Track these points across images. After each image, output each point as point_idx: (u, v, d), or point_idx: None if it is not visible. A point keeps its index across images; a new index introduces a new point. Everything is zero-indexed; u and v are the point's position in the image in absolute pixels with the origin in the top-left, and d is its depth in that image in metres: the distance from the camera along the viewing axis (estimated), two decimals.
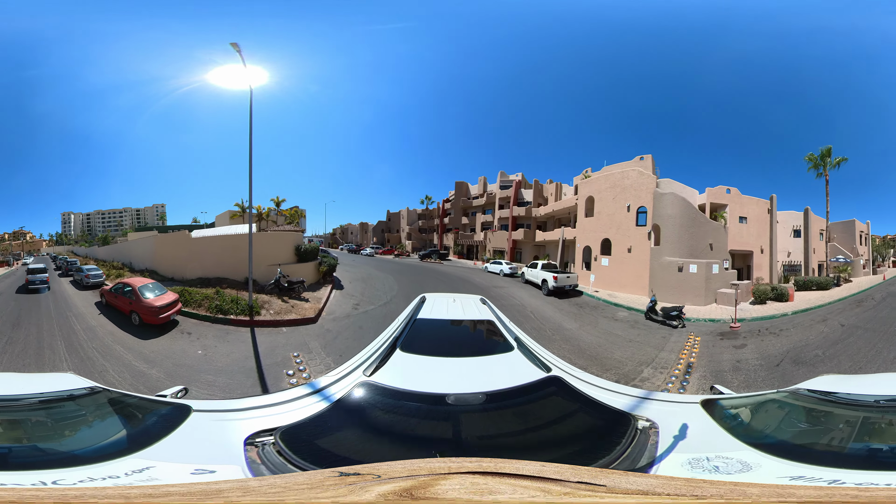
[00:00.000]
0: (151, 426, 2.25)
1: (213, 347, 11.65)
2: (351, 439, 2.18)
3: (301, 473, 1.65)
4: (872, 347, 11.73)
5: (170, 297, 14.11)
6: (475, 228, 48.41)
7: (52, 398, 2.35)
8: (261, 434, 2.03)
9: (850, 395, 2.39)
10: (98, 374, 9.08)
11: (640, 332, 14.33)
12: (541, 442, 2.24)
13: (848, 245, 37.81)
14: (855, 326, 14.41)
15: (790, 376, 9.54)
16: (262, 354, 11.07)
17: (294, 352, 11.11)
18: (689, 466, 1.79)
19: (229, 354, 11.13)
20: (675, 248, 20.19)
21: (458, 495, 1.14)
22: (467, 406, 2.33)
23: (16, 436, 2.07)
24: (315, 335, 12.96)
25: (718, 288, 19.42)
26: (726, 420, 2.33)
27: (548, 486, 1.23)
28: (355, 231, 76.71)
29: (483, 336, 4.13)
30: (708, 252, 20.93)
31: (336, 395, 2.49)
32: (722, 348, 12.54)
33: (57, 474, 1.58)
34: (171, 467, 1.74)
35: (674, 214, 20.54)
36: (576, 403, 2.50)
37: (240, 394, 8.73)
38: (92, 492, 1.25)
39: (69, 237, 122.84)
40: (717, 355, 11.72)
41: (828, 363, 10.63)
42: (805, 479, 1.61)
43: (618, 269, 23.59)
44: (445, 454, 1.85)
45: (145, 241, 30.78)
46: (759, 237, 27.22)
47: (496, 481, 1.25)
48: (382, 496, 1.13)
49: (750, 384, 9.37)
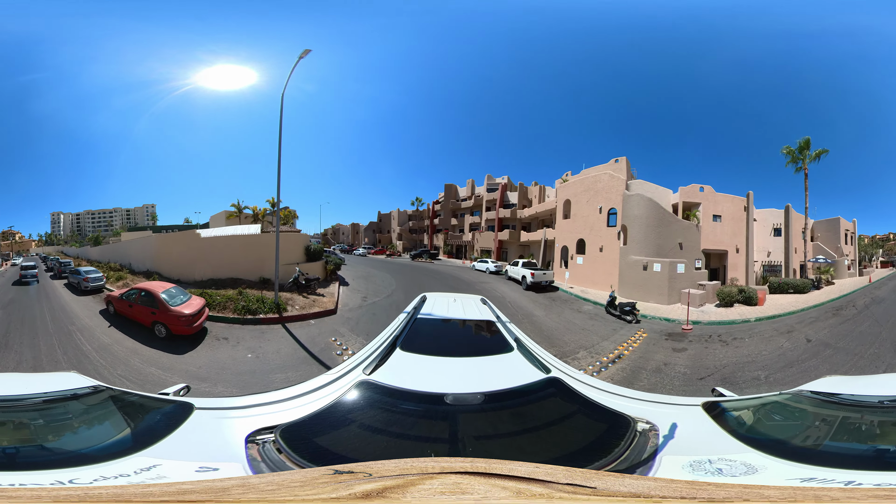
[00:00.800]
0: (155, 424, 2.27)
1: (259, 348, 11.42)
2: (349, 438, 2.21)
3: (297, 471, 1.66)
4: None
5: (197, 302, 12.97)
6: (464, 229, 49.73)
7: (56, 398, 2.37)
8: (261, 432, 2.07)
9: (854, 396, 2.39)
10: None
11: (596, 324, 15.56)
12: (538, 443, 2.24)
13: (832, 244, 36.61)
14: (824, 343, 12.36)
15: (705, 395, 8.68)
16: (307, 344, 11.67)
17: (331, 337, 12.51)
18: (691, 469, 1.77)
19: (279, 351, 11.26)
20: (641, 248, 21.10)
21: (433, 496, 1.15)
22: (465, 406, 2.36)
23: (21, 436, 2.09)
24: (340, 323, 14.49)
25: (685, 287, 19.60)
26: (728, 422, 2.32)
27: (528, 486, 1.22)
28: (346, 231, 77.69)
29: (483, 336, 4.16)
30: (677, 251, 21.61)
31: (335, 393, 2.53)
32: (661, 348, 12.40)
33: (71, 474, 1.60)
34: (177, 465, 1.76)
35: (640, 215, 21.49)
36: (575, 405, 2.53)
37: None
38: (116, 490, 1.28)
39: (59, 237, 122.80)
40: (651, 354, 11.77)
41: (765, 390, 6.61)
42: (817, 480, 1.59)
43: (591, 267, 24.77)
44: (441, 454, 1.87)
45: (145, 240, 30.28)
46: (734, 236, 26.43)
47: (476, 481, 1.25)
48: (358, 495, 1.13)
49: (654, 389, 8.65)
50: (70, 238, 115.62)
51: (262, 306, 14.48)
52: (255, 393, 2.61)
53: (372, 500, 1.12)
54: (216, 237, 23.05)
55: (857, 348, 11.75)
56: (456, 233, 51.24)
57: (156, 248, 24.57)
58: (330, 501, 1.13)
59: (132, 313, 12.86)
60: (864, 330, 14.00)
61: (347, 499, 1.12)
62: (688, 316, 15.57)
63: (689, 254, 22.31)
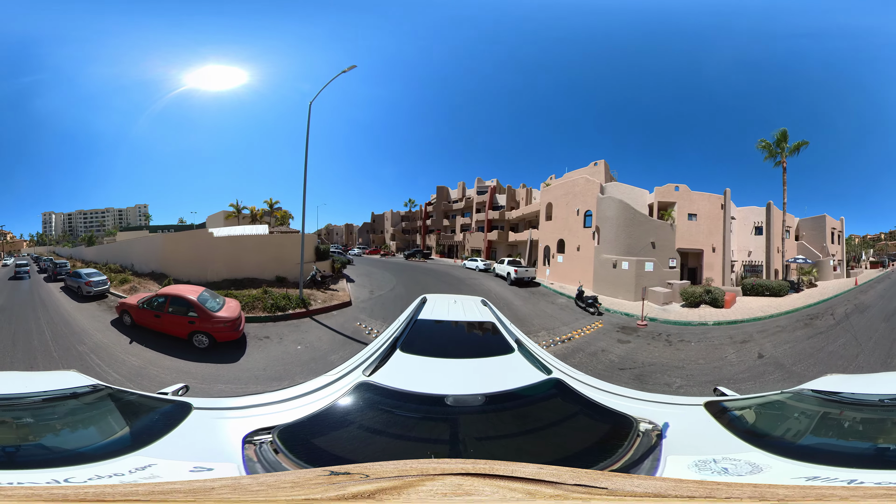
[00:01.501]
0: (153, 424, 2.30)
1: (303, 340, 12.06)
2: (347, 439, 2.22)
3: (291, 472, 1.67)
4: None
5: (235, 304, 12.56)
6: (455, 230, 51.82)
7: (56, 396, 2.40)
8: (259, 432, 2.09)
9: (855, 394, 2.43)
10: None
11: (563, 313, 17.43)
12: (541, 444, 2.25)
13: (818, 244, 35.28)
14: (776, 363, 10.57)
15: (494, 338, 6.75)
16: (339, 330, 13.05)
17: (356, 323, 14.28)
18: (697, 468, 1.79)
19: (320, 339, 12.19)
20: (611, 247, 22.72)
21: (434, 497, 1.16)
22: (466, 407, 2.38)
23: (21, 434, 2.11)
24: (359, 312, 16.41)
25: (653, 285, 20.15)
26: (731, 421, 2.35)
27: (538, 488, 1.22)
28: (340, 232, 79.37)
29: (483, 337, 4.20)
30: (649, 250, 22.93)
31: (335, 394, 2.56)
32: (608, 338, 13.14)
33: (67, 472, 1.62)
34: (172, 465, 1.79)
35: (611, 216, 23.14)
36: (577, 406, 2.55)
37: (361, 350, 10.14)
38: (106, 489, 1.29)
39: (50, 237, 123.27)
40: (597, 341, 12.74)
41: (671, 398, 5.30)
42: (820, 479, 1.61)
43: (570, 264, 26.60)
44: (441, 455, 1.89)
45: (148, 240, 29.86)
46: (710, 235, 26.30)
47: (482, 483, 1.25)
48: (357, 495, 1.14)
49: (579, 367, 7.74)
50: (62, 238, 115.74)
51: (290, 303, 15.36)
52: (253, 394, 2.65)
53: (361, 500, 1.12)
54: (230, 237, 22.88)
55: (816, 375, 8.70)
56: (448, 233, 53.26)
57: (162, 248, 23.80)
58: (320, 502, 1.13)
59: (160, 324, 11.49)
60: (836, 349, 11.61)
61: (337, 499, 1.13)
62: (643, 312, 16.12)
63: (662, 253, 23.19)
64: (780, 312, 17.49)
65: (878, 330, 13.86)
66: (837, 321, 15.55)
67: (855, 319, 15.74)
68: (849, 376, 3.50)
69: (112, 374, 8.91)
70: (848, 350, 11.53)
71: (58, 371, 3.49)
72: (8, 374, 3.78)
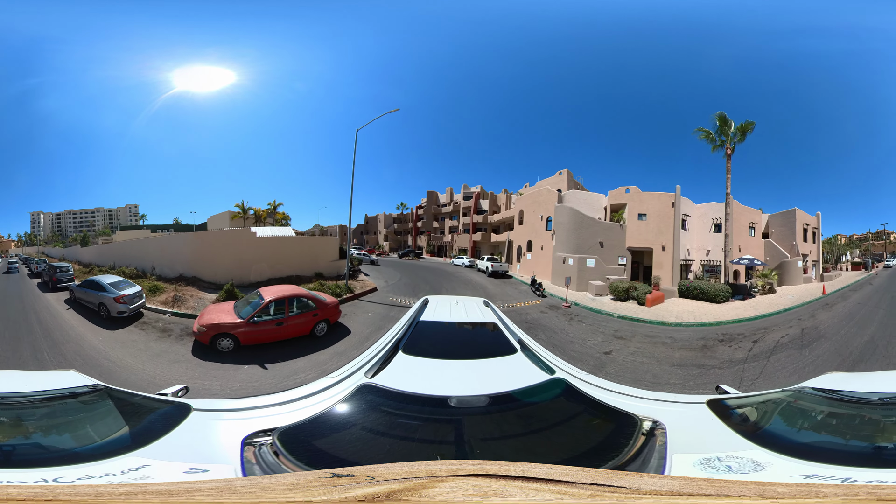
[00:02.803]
0: (152, 425, 2.37)
1: (365, 313, 16.65)
2: (350, 441, 2.28)
3: (290, 474, 1.73)
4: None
5: (328, 296, 14.81)
6: (444, 231, 59.23)
7: (55, 395, 2.49)
8: (259, 434, 2.15)
9: (855, 393, 2.55)
10: None
11: (519, 293, 24.37)
12: (546, 444, 2.32)
13: (787, 242, 32.35)
14: (610, 364, 10.84)
15: (497, 338, 7.97)
16: (383, 304, 18.77)
17: (389, 297, 20.36)
18: (702, 466, 1.86)
19: (374, 310, 17.04)
20: (564, 246, 28.81)
21: (457, 498, 1.19)
22: (470, 408, 2.47)
23: (20, 433, 2.18)
24: (387, 292, 22.28)
25: (594, 279, 25.22)
26: (733, 419, 2.45)
27: (563, 488, 1.27)
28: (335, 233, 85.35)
29: (486, 338, 4.35)
30: (597, 249, 28.29)
31: (337, 396, 2.65)
32: (536, 310, 18.76)
33: (57, 472, 1.66)
34: (166, 466, 1.84)
35: (563, 221, 29.33)
36: (581, 405, 2.65)
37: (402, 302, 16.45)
38: (74, 490, 1.30)
39: (39, 237, 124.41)
40: (528, 311, 18.38)
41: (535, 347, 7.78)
42: (818, 477, 1.68)
43: (535, 261, 33.24)
44: (447, 457, 1.93)
45: (170, 240, 29.77)
46: (660, 234, 27.47)
47: (502, 484, 1.29)
48: (367, 497, 1.16)
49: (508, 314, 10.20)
50: (51, 238, 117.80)
51: (341, 290, 19.29)
52: (253, 395, 2.78)
53: (374, 503, 1.15)
54: (274, 237, 24.79)
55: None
56: (437, 234, 60.43)
57: (194, 248, 22.82)
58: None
59: (281, 332, 10.69)
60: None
61: (344, 502, 1.16)
62: (567, 296, 21.68)
63: (611, 251, 27.47)
64: (692, 323, 16.31)
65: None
66: (743, 359, 10.71)
67: (774, 364, 10.10)
68: (850, 374, 3.65)
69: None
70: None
71: (57, 371, 3.55)
72: (7, 374, 3.67)
